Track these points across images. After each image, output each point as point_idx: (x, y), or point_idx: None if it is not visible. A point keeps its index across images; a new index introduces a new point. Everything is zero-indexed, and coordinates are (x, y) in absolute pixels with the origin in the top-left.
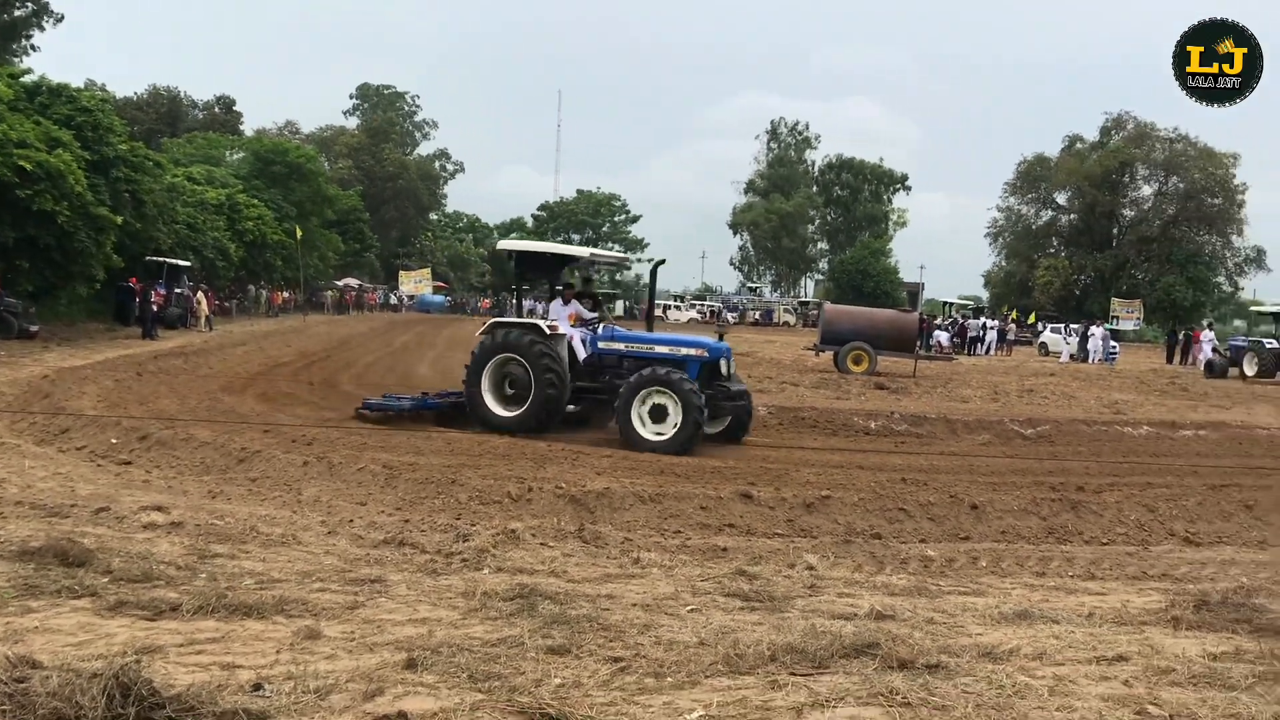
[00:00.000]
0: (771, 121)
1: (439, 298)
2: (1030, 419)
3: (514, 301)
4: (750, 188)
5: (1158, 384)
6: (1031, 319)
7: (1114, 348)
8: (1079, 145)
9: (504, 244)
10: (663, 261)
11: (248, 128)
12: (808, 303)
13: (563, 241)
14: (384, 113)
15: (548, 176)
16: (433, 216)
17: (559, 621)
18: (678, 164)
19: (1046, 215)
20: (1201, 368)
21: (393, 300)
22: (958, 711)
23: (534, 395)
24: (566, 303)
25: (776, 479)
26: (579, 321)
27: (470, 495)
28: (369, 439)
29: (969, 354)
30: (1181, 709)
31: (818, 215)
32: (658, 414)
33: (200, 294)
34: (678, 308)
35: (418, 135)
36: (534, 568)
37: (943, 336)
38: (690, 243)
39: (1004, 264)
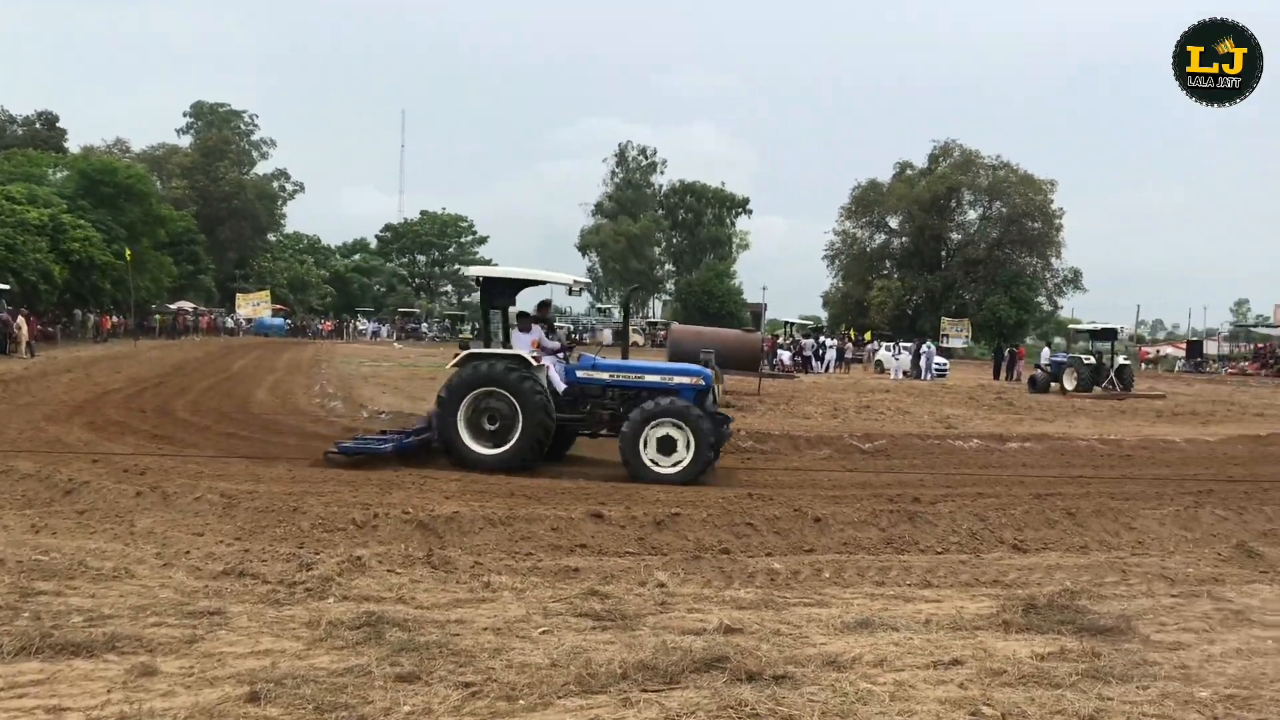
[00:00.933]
0: (620, 144)
1: (278, 321)
2: (868, 434)
3: (487, 331)
4: (598, 210)
5: (986, 399)
6: (868, 338)
7: (941, 364)
8: (909, 171)
9: (473, 270)
10: (637, 288)
11: (73, 145)
12: (656, 323)
13: (408, 263)
14: (219, 130)
15: (392, 197)
16: (271, 237)
17: (407, 648)
18: (524, 185)
19: (880, 238)
20: (1026, 383)
21: (229, 324)
22: None
23: (523, 431)
24: (525, 330)
25: (627, 498)
26: (541, 350)
27: (313, 523)
28: (205, 467)
29: (809, 372)
30: (1012, 708)
31: (664, 237)
32: (665, 445)
33: (20, 319)
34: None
35: (255, 154)
36: (381, 595)
37: (785, 355)
38: (539, 263)
39: (841, 285)
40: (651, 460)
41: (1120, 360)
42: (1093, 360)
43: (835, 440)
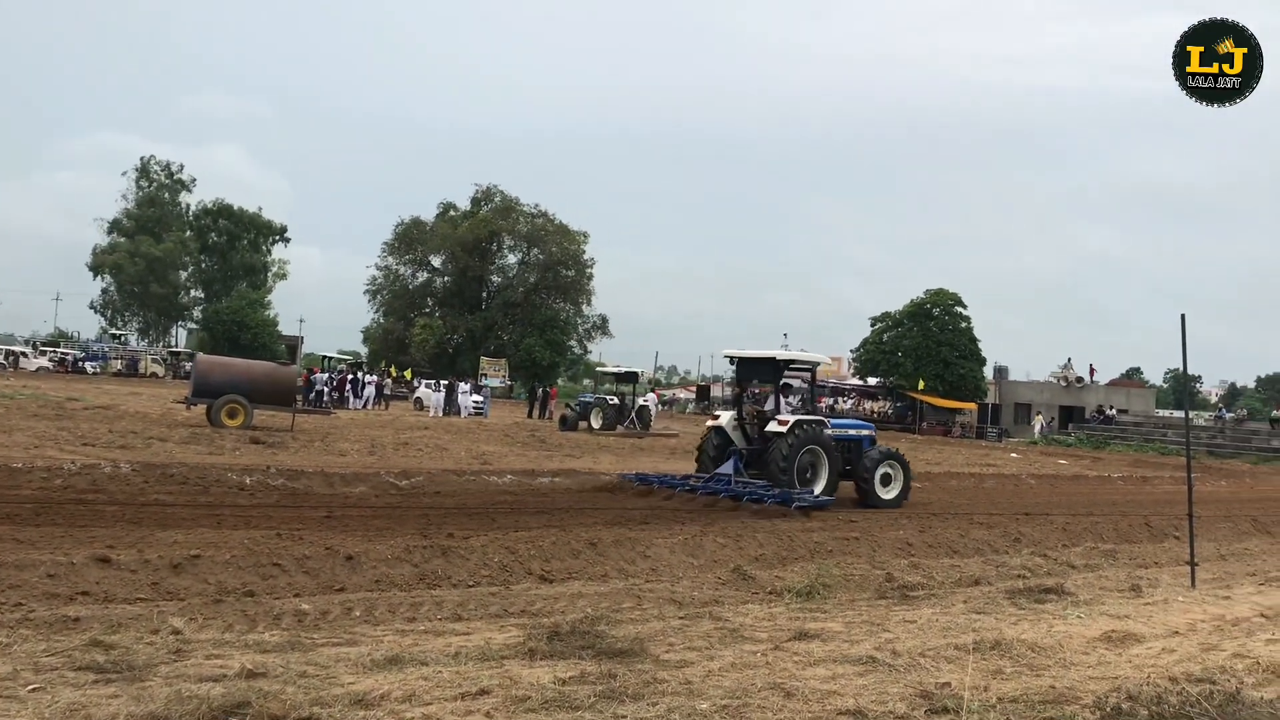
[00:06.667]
0: (141, 158)
1: None
2: (405, 470)
3: (776, 401)
4: (115, 227)
5: (520, 436)
6: (409, 375)
7: (479, 401)
8: (452, 212)
9: (733, 351)
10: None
11: None
12: (179, 353)
13: None
14: None
15: None
16: None
17: None
18: (17, 196)
19: (423, 276)
20: (557, 421)
21: None
22: None
23: (831, 477)
24: (787, 399)
25: (139, 540)
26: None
27: None
28: None
29: (348, 408)
30: None
31: (192, 261)
32: (884, 480)
33: None
34: (25, 355)
35: None
36: None
37: (322, 389)
38: (41, 282)
39: (383, 321)
40: (880, 490)
41: (640, 401)
42: (617, 400)
43: (371, 477)
